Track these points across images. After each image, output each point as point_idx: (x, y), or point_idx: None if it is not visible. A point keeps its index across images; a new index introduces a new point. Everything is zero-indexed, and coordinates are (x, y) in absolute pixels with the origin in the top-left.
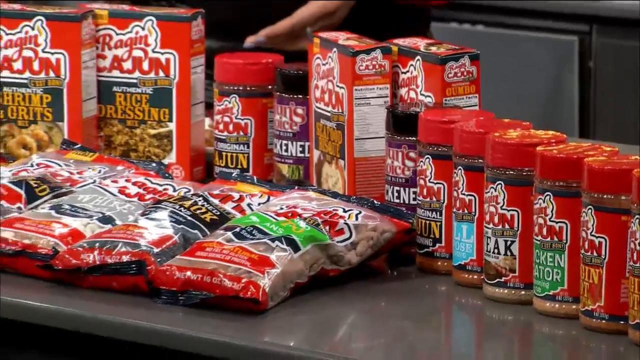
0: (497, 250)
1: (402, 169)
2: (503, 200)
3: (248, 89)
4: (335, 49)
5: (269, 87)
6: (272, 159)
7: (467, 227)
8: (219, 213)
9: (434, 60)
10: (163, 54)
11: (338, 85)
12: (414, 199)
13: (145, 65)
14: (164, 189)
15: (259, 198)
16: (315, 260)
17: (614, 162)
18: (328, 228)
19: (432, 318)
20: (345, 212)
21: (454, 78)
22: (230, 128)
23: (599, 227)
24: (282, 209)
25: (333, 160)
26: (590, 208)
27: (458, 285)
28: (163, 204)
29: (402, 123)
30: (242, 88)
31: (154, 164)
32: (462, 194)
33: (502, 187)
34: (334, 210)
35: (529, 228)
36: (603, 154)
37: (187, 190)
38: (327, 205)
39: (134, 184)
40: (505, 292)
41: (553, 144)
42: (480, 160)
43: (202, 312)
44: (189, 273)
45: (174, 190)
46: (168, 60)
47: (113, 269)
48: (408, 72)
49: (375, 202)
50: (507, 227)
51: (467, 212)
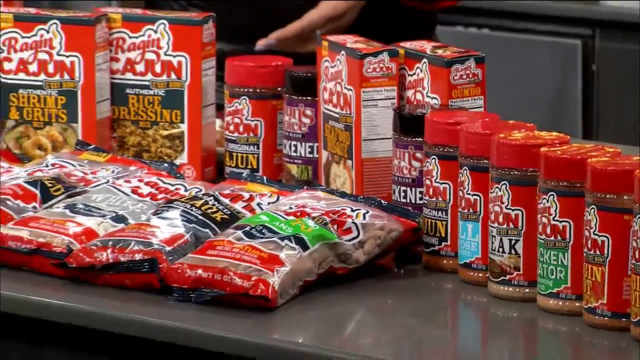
0: (501, 249)
1: (408, 169)
2: (508, 200)
3: (258, 91)
4: (344, 52)
5: (279, 89)
6: (281, 160)
7: (472, 226)
8: (230, 212)
9: (440, 63)
10: (175, 57)
11: (346, 87)
12: (421, 199)
13: (158, 68)
14: (176, 189)
15: (269, 198)
16: (324, 259)
17: (617, 162)
18: (336, 227)
19: (438, 315)
20: (353, 211)
21: (460, 80)
22: (241, 129)
23: (602, 226)
24: (291, 209)
25: (341, 161)
26: (593, 207)
27: (464, 283)
28: (175, 204)
29: (408, 124)
30: (252, 90)
31: (166, 165)
32: (467, 194)
33: (506, 187)
34: (342, 210)
35: (533, 227)
36: (606, 155)
37: (198, 190)
38: (335, 205)
39: (147, 184)
40: (510, 289)
41: (557, 145)
42: (486, 161)
43: (212, 309)
44: (200, 271)
45: (186, 190)
46: (180, 63)
47: (126, 267)
48: (415, 74)
49: (383, 201)
50: (511, 226)
51: (472, 211)
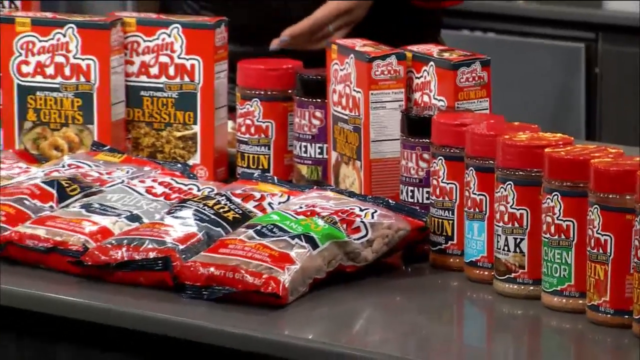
0: (507, 248)
1: (416, 170)
2: (513, 200)
3: (269, 93)
4: (352, 55)
5: (289, 91)
6: (291, 160)
7: (478, 225)
8: (241, 212)
9: (447, 66)
10: (188, 60)
11: (355, 90)
12: (428, 199)
13: (171, 71)
14: (189, 189)
15: (279, 197)
16: (333, 257)
17: (619, 163)
18: (345, 226)
19: (444, 312)
20: (362, 211)
21: (466, 83)
22: (252, 130)
23: (605, 225)
24: (301, 208)
25: (350, 161)
26: (596, 207)
27: (469, 281)
28: (188, 203)
29: (416, 126)
30: (263, 92)
31: (179, 165)
32: (473, 194)
33: (511, 187)
34: (351, 209)
35: (538, 226)
36: (608, 156)
37: (210, 190)
38: (344, 205)
39: (160, 184)
40: (515, 287)
41: (560, 146)
42: (491, 162)
43: (224, 306)
44: (213, 269)
45: (198, 190)
46: (193, 66)
47: (140, 265)
48: (422, 77)
49: (390, 201)
50: (516, 225)
51: (478, 211)
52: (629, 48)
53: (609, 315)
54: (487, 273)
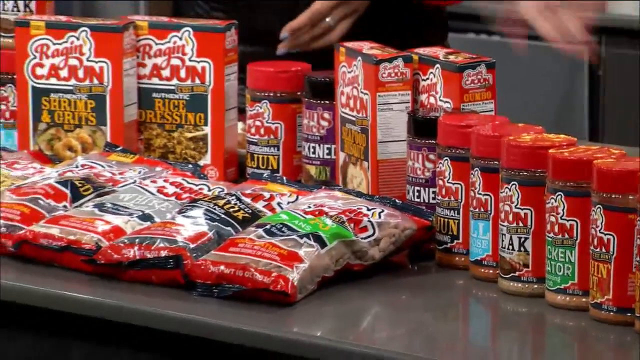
0: (511, 247)
1: (422, 170)
2: (517, 200)
3: (278, 95)
4: (360, 58)
5: (298, 93)
6: (300, 161)
7: (483, 224)
8: (251, 211)
9: (453, 68)
10: (199, 63)
11: (362, 92)
12: (434, 198)
13: (183, 73)
14: (200, 189)
15: (288, 197)
16: (341, 256)
17: (622, 164)
18: (353, 225)
19: (450, 310)
20: (369, 210)
21: (471, 85)
22: (262, 132)
23: (607, 224)
24: (309, 208)
25: (358, 162)
26: (599, 207)
27: (474, 280)
28: (198, 203)
29: (422, 127)
30: (272, 94)
31: (190, 165)
32: (478, 194)
33: (516, 187)
34: (359, 209)
35: (542, 226)
36: (611, 157)
37: (221, 190)
38: (352, 204)
39: (172, 184)
40: (519, 285)
41: (564, 147)
42: (496, 162)
43: (234, 304)
44: (223, 267)
45: (209, 190)
46: (204, 69)
47: (152, 264)
48: (428, 79)
49: (397, 201)
50: (521, 224)
51: (483, 210)
52: (631, 51)
53: (612, 313)
54: (492, 271)
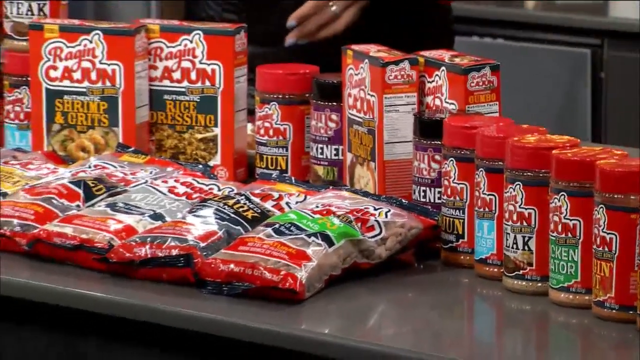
0: (515, 246)
1: (428, 171)
2: (521, 200)
3: (287, 97)
4: (367, 60)
5: (306, 95)
6: (308, 161)
7: (488, 224)
8: (260, 211)
9: (458, 71)
10: (209, 65)
11: (369, 94)
12: (439, 198)
13: (193, 75)
14: (210, 189)
15: (297, 197)
16: (348, 254)
17: (624, 164)
18: (360, 225)
19: (455, 308)
20: (376, 210)
21: (476, 87)
22: (271, 133)
23: (610, 224)
24: (317, 207)
25: (365, 163)
26: (602, 207)
27: (479, 278)
28: (208, 202)
29: (428, 128)
30: (281, 96)
31: (201, 166)
32: (483, 194)
33: (520, 187)
34: (366, 209)
35: (545, 225)
36: (613, 157)
37: (230, 190)
38: (359, 204)
39: (182, 184)
40: (523, 284)
41: (567, 148)
42: (500, 163)
43: (244, 301)
44: (232, 266)
45: (219, 190)
46: (214, 71)
47: (163, 262)
48: (434, 81)
49: (403, 201)
50: (525, 224)
51: (488, 210)
52: (633, 54)
53: (614, 311)
54: (496, 270)
